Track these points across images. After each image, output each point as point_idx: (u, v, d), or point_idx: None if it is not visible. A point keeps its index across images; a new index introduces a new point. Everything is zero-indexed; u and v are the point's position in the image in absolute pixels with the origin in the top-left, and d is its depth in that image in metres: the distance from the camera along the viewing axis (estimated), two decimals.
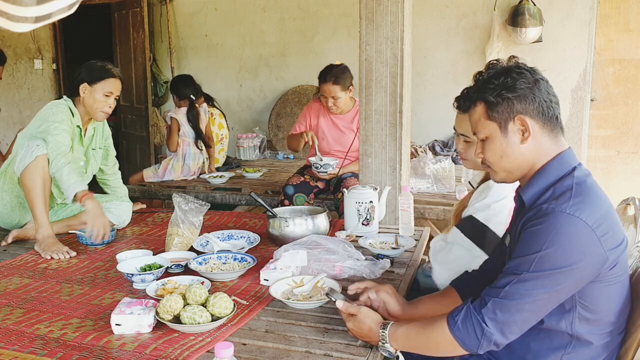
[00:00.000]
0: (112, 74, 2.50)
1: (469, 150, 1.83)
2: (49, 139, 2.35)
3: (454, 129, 1.90)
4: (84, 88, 2.47)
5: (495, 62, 1.41)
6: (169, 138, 4.00)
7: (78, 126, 2.53)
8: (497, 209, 1.72)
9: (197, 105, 4.01)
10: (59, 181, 2.33)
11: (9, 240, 2.39)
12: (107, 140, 2.74)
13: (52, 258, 2.19)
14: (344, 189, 2.43)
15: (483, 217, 1.74)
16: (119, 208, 2.62)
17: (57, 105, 2.46)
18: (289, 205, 3.19)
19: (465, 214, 1.81)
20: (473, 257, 1.73)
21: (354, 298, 1.60)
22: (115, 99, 2.53)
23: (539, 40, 4.45)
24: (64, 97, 2.53)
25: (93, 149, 2.64)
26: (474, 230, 1.75)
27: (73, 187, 2.30)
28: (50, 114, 2.43)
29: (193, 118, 3.93)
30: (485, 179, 1.83)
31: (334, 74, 3.24)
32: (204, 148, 4.03)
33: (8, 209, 2.49)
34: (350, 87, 3.33)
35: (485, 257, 1.69)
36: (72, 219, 2.53)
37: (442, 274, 1.80)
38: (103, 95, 2.47)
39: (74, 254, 2.23)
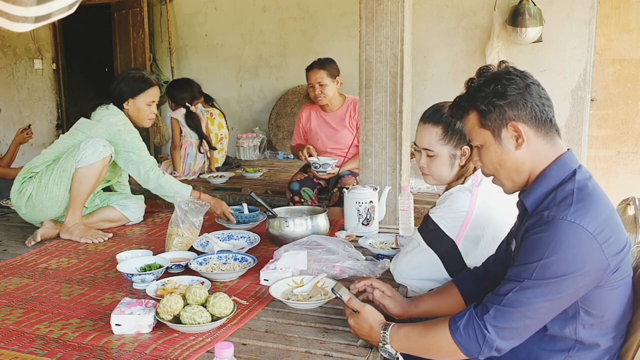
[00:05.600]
0: (151, 83, 2.64)
1: (433, 164, 1.80)
2: (136, 156, 2.53)
3: (414, 144, 1.87)
4: (128, 102, 2.60)
5: (485, 68, 1.40)
6: (172, 138, 4.01)
7: None
8: (452, 214, 1.73)
9: (193, 109, 4.01)
10: (162, 191, 2.56)
11: (38, 239, 2.38)
12: None
13: (92, 243, 2.36)
14: (343, 189, 2.43)
15: (437, 217, 1.75)
16: (135, 205, 2.70)
17: (124, 122, 2.56)
18: (299, 200, 3.22)
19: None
20: (434, 263, 1.76)
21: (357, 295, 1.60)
22: (156, 104, 2.68)
23: (539, 40, 4.44)
24: (114, 107, 2.58)
25: None
26: (427, 227, 1.77)
27: (182, 193, 2.53)
28: (122, 124, 2.54)
29: (193, 123, 3.94)
30: (447, 189, 1.82)
31: (319, 61, 3.39)
32: (207, 150, 4.03)
33: (52, 202, 2.47)
34: (337, 79, 3.38)
35: (435, 257, 1.73)
36: (89, 216, 2.58)
37: (402, 268, 1.81)
38: (146, 105, 2.62)
39: (110, 235, 2.44)
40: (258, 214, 2.60)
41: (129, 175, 2.88)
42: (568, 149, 1.35)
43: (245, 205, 2.61)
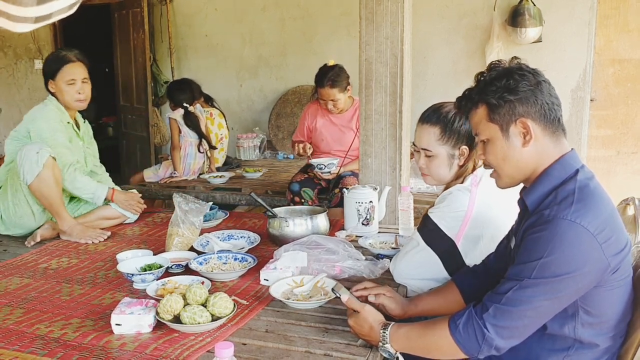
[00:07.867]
0: (66, 60, 2.45)
1: (432, 164, 1.81)
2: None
3: (413, 144, 1.88)
4: (51, 85, 2.48)
5: (497, 63, 1.39)
6: (171, 139, 4.01)
7: (69, 122, 2.55)
8: (451, 213, 1.73)
9: (191, 109, 4.00)
10: (78, 191, 2.45)
11: (37, 239, 2.37)
12: (92, 138, 2.76)
13: (92, 243, 2.31)
14: (344, 189, 2.44)
15: (436, 217, 1.75)
16: None
17: (44, 109, 2.46)
18: (299, 201, 3.21)
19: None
20: (433, 263, 1.76)
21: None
22: (83, 82, 2.50)
23: (539, 41, 4.45)
24: (48, 97, 2.53)
25: (87, 147, 2.68)
26: (427, 227, 1.77)
27: (99, 193, 2.48)
28: (40, 111, 2.43)
29: (192, 123, 3.94)
30: (446, 189, 1.82)
31: (330, 77, 3.28)
32: (207, 150, 4.02)
33: (25, 219, 2.44)
34: (348, 87, 3.35)
35: (434, 256, 1.73)
36: (87, 215, 2.56)
37: (402, 268, 1.81)
38: (66, 84, 2.45)
39: (109, 233, 2.40)
40: (217, 212, 2.61)
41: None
42: (571, 149, 1.35)
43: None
